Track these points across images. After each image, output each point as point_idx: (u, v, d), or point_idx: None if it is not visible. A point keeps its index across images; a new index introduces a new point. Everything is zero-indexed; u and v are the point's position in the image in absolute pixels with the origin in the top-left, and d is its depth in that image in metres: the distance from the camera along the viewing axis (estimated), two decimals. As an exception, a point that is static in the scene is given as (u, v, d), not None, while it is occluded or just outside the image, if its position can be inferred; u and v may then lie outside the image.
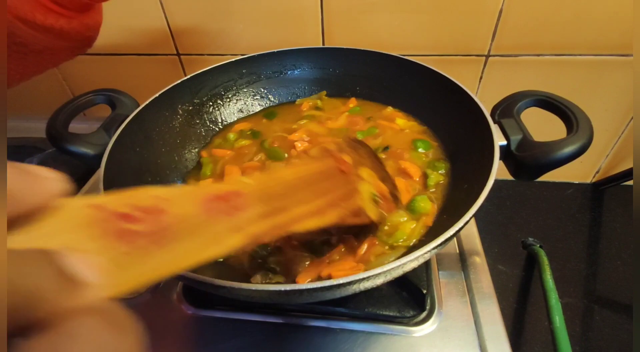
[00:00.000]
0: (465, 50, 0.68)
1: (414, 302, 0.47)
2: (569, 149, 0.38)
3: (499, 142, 0.42)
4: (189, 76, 0.59)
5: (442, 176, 0.50)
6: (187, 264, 0.20)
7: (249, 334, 0.46)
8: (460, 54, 0.68)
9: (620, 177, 0.75)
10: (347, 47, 0.62)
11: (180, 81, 0.57)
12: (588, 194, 0.80)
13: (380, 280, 0.33)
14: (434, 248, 0.33)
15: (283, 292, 0.31)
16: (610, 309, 0.61)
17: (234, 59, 0.62)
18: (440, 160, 0.52)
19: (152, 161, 0.52)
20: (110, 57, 0.79)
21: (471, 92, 0.48)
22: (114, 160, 0.45)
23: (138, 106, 0.52)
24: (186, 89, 0.59)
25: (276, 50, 0.64)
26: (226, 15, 0.71)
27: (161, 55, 0.78)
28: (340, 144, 0.39)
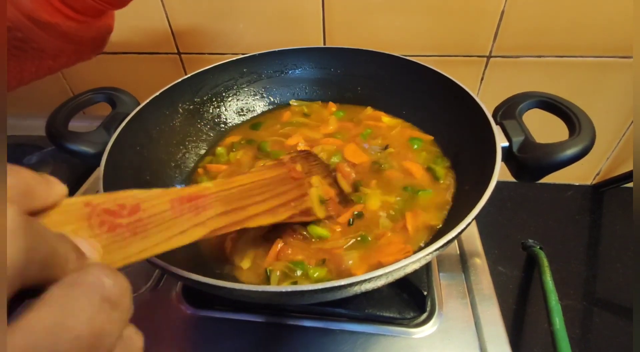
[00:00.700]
0: (466, 51, 0.68)
1: (414, 303, 0.47)
2: (572, 151, 0.38)
3: (501, 143, 0.42)
4: (190, 75, 0.58)
5: (447, 169, 0.51)
6: (159, 250, 0.25)
7: (248, 334, 0.46)
8: (461, 55, 0.68)
9: (620, 179, 0.75)
10: (348, 47, 0.62)
11: (180, 80, 0.57)
12: (588, 196, 0.80)
13: (382, 281, 0.33)
14: (436, 250, 0.32)
15: (284, 293, 0.31)
16: (610, 311, 0.61)
17: (234, 58, 0.62)
18: (440, 157, 0.53)
19: (152, 160, 0.52)
20: (110, 56, 0.79)
21: (472, 92, 0.48)
22: (114, 159, 0.44)
23: (138, 105, 0.52)
24: (187, 87, 0.58)
25: (277, 50, 0.64)
26: (227, 14, 0.71)
27: (162, 53, 0.78)
28: (292, 155, 0.47)
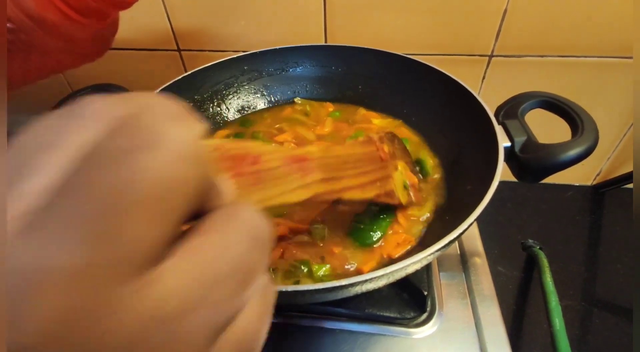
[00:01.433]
0: (468, 50, 0.67)
1: (414, 303, 0.47)
2: (575, 151, 0.38)
3: (503, 143, 0.41)
4: (190, 72, 0.58)
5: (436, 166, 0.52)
6: (271, 203, 0.27)
7: (247, 333, 0.46)
8: (463, 54, 0.68)
9: (621, 180, 0.75)
10: (349, 45, 0.62)
11: (181, 77, 0.57)
12: (588, 197, 0.80)
13: (383, 282, 0.33)
14: (438, 250, 0.32)
15: (284, 293, 0.31)
16: (610, 312, 0.61)
17: (235, 56, 0.62)
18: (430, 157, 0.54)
19: (151, 158, 0.52)
20: (110, 52, 0.77)
21: (474, 92, 0.48)
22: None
23: (138, 102, 0.52)
24: (187, 85, 0.58)
25: (278, 48, 0.63)
26: (228, 12, 0.70)
27: (162, 50, 0.77)
28: (381, 135, 0.46)
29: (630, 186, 0.76)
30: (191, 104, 0.59)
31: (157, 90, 0.53)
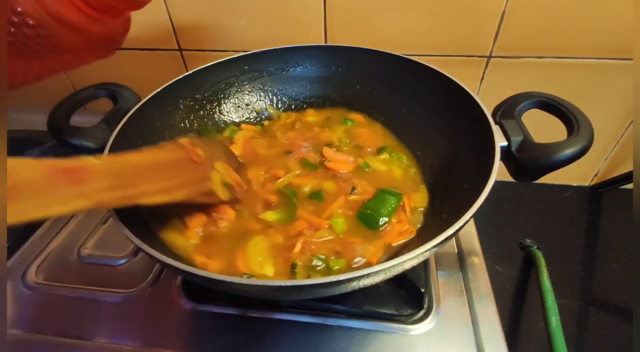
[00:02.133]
0: (467, 50, 0.68)
1: (412, 300, 0.47)
2: (570, 150, 0.38)
3: (500, 143, 0.42)
4: (191, 71, 0.58)
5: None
6: (32, 216, 0.27)
7: (246, 329, 0.47)
8: (462, 55, 0.68)
9: (618, 180, 0.76)
10: (349, 46, 0.62)
11: (182, 76, 0.57)
12: (586, 197, 0.80)
13: (380, 277, 0.33)
14: (434, 247, 0.33)
15: (282, 287, 0.31)
16: (607, 311, 0.61)
17: (236, 56, 0.62)
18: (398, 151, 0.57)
19: (152, 156, 0.52)
20: (112, 51, 0.79)
21: (472, 92, 0.48)
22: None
23: (140, 100, 0.52)
24: (188, 84, 0.59)
25: (279, 48, 0.64)
26: (229, 11, 0.71)
27: (163, 50, 0.78)
28: (193, 140, 0.47)
29: (628, 186, 0.76)
30: (192, 103, 0.60)
31: (158, 89, 0.54)
